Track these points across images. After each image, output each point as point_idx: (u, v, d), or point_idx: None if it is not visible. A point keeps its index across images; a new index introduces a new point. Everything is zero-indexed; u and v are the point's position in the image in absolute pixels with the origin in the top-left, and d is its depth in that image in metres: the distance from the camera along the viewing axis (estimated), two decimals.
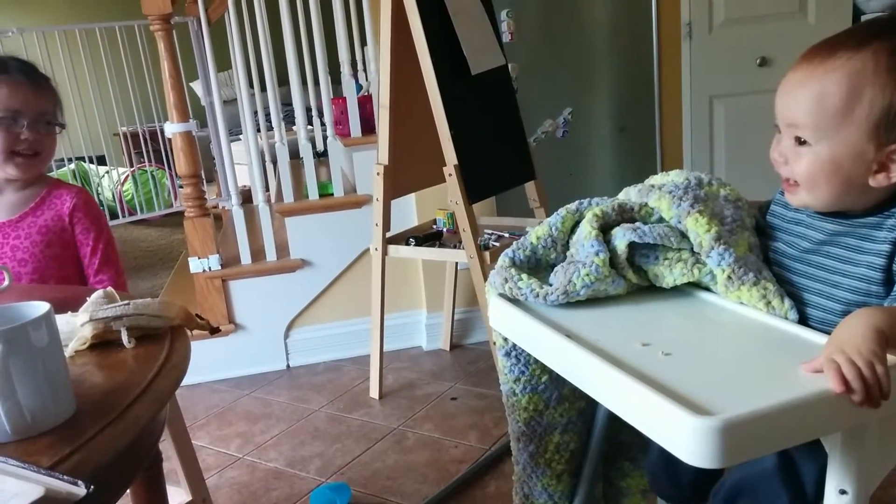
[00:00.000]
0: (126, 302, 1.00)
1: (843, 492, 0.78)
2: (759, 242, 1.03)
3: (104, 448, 0.73)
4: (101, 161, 5.39)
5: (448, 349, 2.83)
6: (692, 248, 1.00)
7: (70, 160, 4.84)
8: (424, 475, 1.99)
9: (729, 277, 0.95)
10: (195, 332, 1.07)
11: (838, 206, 0.93)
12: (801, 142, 0.91)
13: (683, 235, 1.01)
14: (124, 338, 0.97)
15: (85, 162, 5.18)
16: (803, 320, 0.93)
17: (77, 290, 1.45)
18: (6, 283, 1.23)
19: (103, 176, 5.44)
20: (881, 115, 0.86)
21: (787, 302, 0.93)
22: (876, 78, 0.85)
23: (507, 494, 1.49)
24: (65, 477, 0.65)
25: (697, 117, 3.42)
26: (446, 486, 1.92)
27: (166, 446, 1.54)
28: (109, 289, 1.06)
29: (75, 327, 0.99)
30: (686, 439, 0.70)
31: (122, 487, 0.88)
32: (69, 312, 1.03)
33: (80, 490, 0.63)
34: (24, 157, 1.55)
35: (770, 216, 1.05)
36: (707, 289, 1.01)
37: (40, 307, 0.80)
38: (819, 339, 0.84)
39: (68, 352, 0.95)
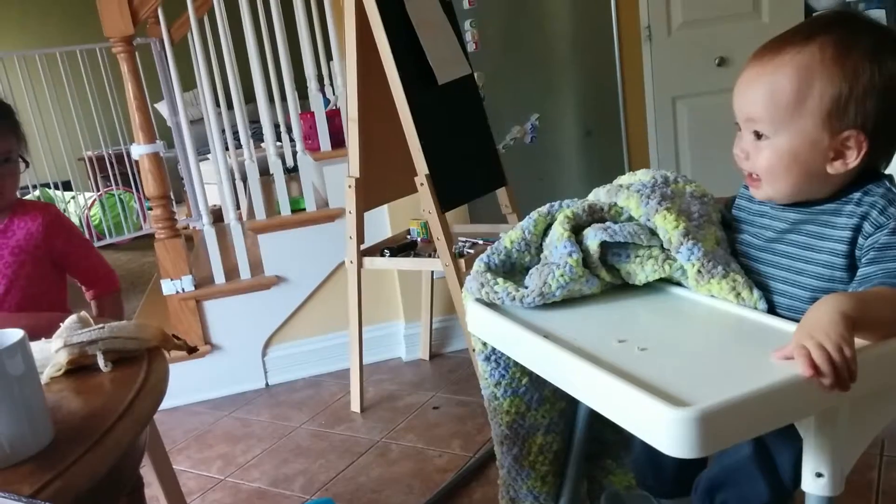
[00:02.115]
0: (101, 326, 1.00)
1: (819, 475, 0.80)
2: (726, 236, 1.05)
3: (85, 473, 0.73)
4: (67, 186, 5.33)
5: (427, 359, 2.83)
6: (662, 245, 1.02)
7: (35, 187, 4.78)
8: (410, 486, 1.99)
9: (699, 271, 0.97)
10: (172, 353, 1.07)
11: (800, 196, 0.96)
12: (759, 136, 0.95)
13: (653, 233, 1.03)
14: (101, 362, 0.97)
15: (49, 188, 5.12)
16: (772, 309, 0.95)
17: (50, 316, 1.43)
18: None
19: (69, 201, 5.37)
20: (831, 103, 0.89)
21: (756, 292, 0.95)
22: (823, 69, 0.89)
23: (492, 500, 1.50)
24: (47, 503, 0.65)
25: (661, 118, 3.48)
26: (432, 495, 1.92)
27: (147, 472, 1.53)
28: (83, 313, 1.05)
29: (50, 353, 0.98)
30: (665, 431, 0.72)
31: None
32: (42, 339, 1.02)
33: None
34: None
35: (736, 210, 1.08)
36: (679, 284, 1.03)
37: (14, 334, 0.79)
38: (789, 326, 0.86)
39: (44, 378, 0.94)
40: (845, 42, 0.89)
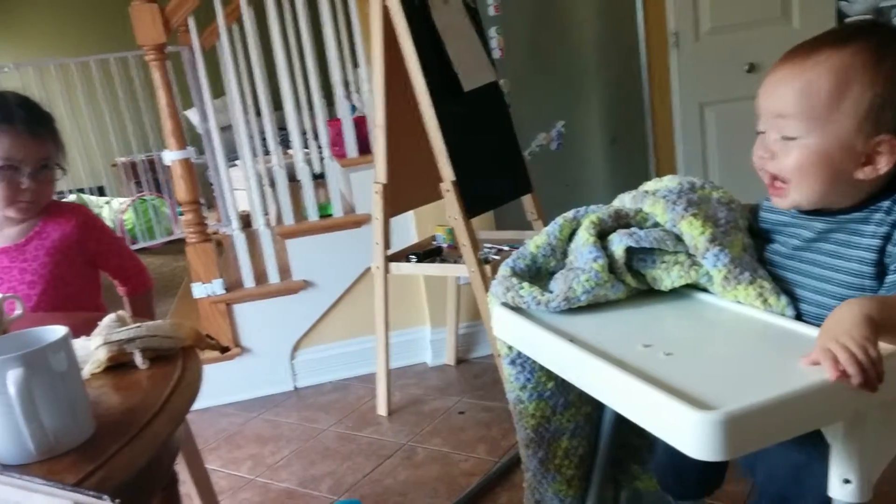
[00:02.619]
0: (138, 324, 1.03)
1: (846, 481, 0.80)
2: (753, 243, 1.05)
3: (125, 465, 0.76)
4: (101, 192, 5.44)
5: (453, 364, 2.84)
6: (688, 251, 1.03)
7: (70, 192, 4.88)
8: (435, 489, 2.00)
9: (725, 277, 0.98)
10: (203, 355, 1.10)
11: (825, 202, 0.95)
12: (788, 137, 0.94)
13: (679, 239, 1.03)
14: (138, 359, 1.00)
15: (84, 193, 5.23)
16: (799, 317, 0.95)
17: (87, 316, 1.47)
18: (19, 311, 1.25)
19: (103, 206, 5.47)
20: (868, 107, 0.89)
21: (784, 298, 0.95)
22: (863, 71, 0.89)
23: None
24: (90, 492, 0.67)
25: (689, 125, 3.46)
26: (457, 499, 1.93)
27: (180, 469, 1.56)
28: (121, 312, 1.08)
29: (90, 351, 1.01)
30: (690, 434, 0.73)
31: None
32: (83, 337, 1.06)
33: (106, 503, 0.66)
34: (26, 202, 1.58)
35: (761, 223, 1.07)
36: (704, 290, 1.03)
37: (58, 331, 0.82)
38: (816, 332, 0.86)
39: (84, 374, 0.98)
40: (883, 47, 0.89)
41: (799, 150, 0.93)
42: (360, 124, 2.85)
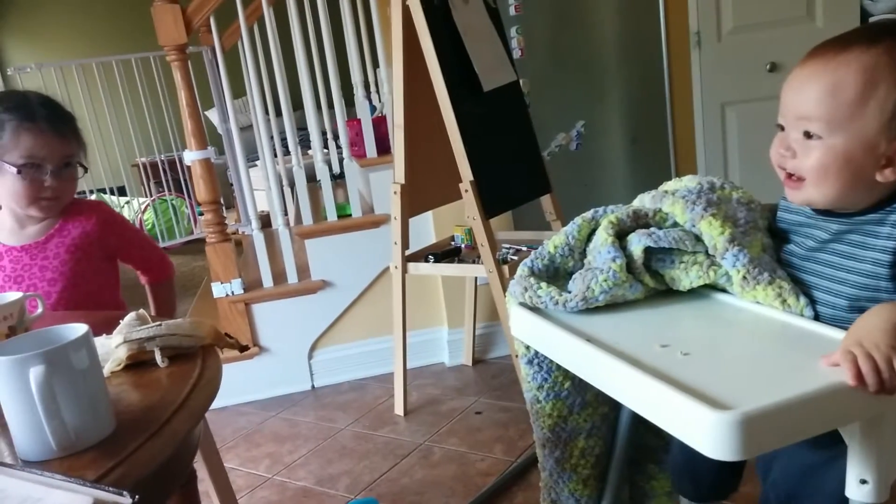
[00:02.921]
0: (158, 323, 1.04)
1: (863, 481, 0.79)
2: (772, 243, 1.04)
3: (145, 461, 0.76)
4: (121, 192, 5.49)
5: (470, 364, 2.84)
6: (707, 251, 1.02)
7: (91, 192, 4.93)
8: (452, 489, 2.00)
9: (744, 278, 0.97)
10: (224, 351, 1.11)
11: (841, 203, 0.94)
12: (810, 136, 0.92)
13: (698, 239, 1.03)
14: (158, 357, 1.01)
15: (105, 193, 5.29)
16: (814, 318, 0.94)
17: (109, 314, 1.49)
18: (40, 310, 1.27)
19: (123, 206, 5.54)
20: (894, 108, 0.87)
21: (803, 299, 0.94)
22: (890, 72, 0.87)
23: None
24: (110, 488, 0.68)
25: (710, 125, 3.44)
26: (474, 498, 1.93)
27: (198, 468, 1.57)
28: (141, 311, 1.09)
29: (110, 349, 1.02)
30: (707, 434, 0.72)
31: (161, 501, 0.91)
32: (104, 335, 1.07)
33: (126, 500, 0.66)
34: (48, 201, 1.60)
35: (778, 222, 1.06)
36: (723, 290, 1.03)
37: (79, 329, 0.83)
38: (835, 333, 0.86)
39: (105, 372, 0.98)
40: None
41: (821, 151, 0.92)
42: (380, 124, 2.86)
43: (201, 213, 2.77)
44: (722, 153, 3.45)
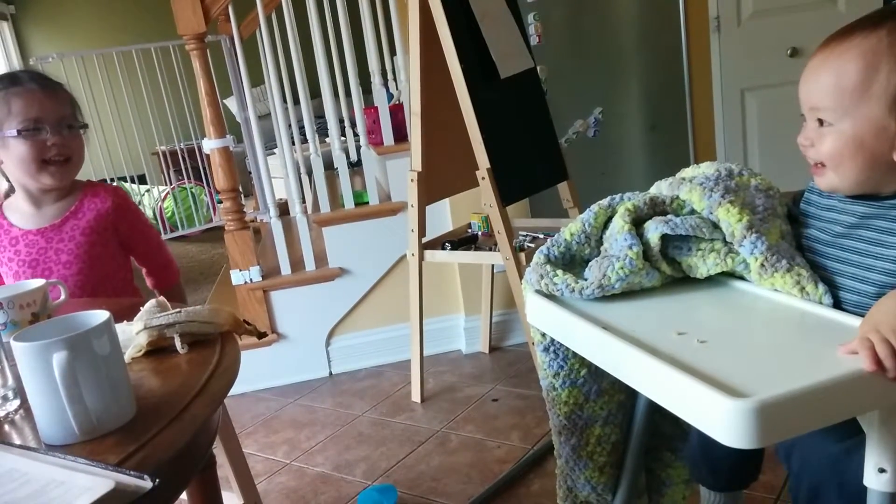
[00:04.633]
0: (178, 310, 1.05)
1: (882, 470, 0.79)
2: (791, 230, 1.04)
3: (166, 446, 0.78)
4: (142, 180, 5.53)
5: (487, 352, 2.85)
6: (724, 238, 1.01)
7: (112, 180, 4.97)
8: (468, 476, 2.02)
9: (762, 265, 0.96)
10: (243, 338, 1.12)
11: (865, 187, 0.95)
12: (823, 123, 0.94)
13: (715, 226, 1.02)
14: (178, 344, 1.02)
15: (126, 181, 5.33)
16: (838, 305, 0.94)
17: (129, 301, 1.50)
18: (63, 297, 1.29)
19: (143, 194, 5.58)
20: None
21: (822, 287, 0.94)
22: (891, 55, 0.88)
23: (550, 491, 1.51)
24: (131, 472, 0.69)
25: (729, 111, 3.40)
26: (490, 485, 1.94)
27: (217, 453, 1.59)
28: (161, 298, 1.11)
29: (131, 335, 1.03)
30: (723, 422, 0.72)
31: (181, 485, 0.92)
32: (125, 322, 1.08)
33: (147, 483, 0.67)
34: (57, 165, 1.58)
35: (804, 204, 1.06)
36: (741, 278, 1.02)
37: (101, 315, 0.84)
38: (853, 321, 0.85)
39: (125, 358, 1.00)
40: None
41: (833, 137, 0.94)
42: (397, 112, 2.86)
43: (220, 201, 2.79)
44: (742, 140, 3.42)
